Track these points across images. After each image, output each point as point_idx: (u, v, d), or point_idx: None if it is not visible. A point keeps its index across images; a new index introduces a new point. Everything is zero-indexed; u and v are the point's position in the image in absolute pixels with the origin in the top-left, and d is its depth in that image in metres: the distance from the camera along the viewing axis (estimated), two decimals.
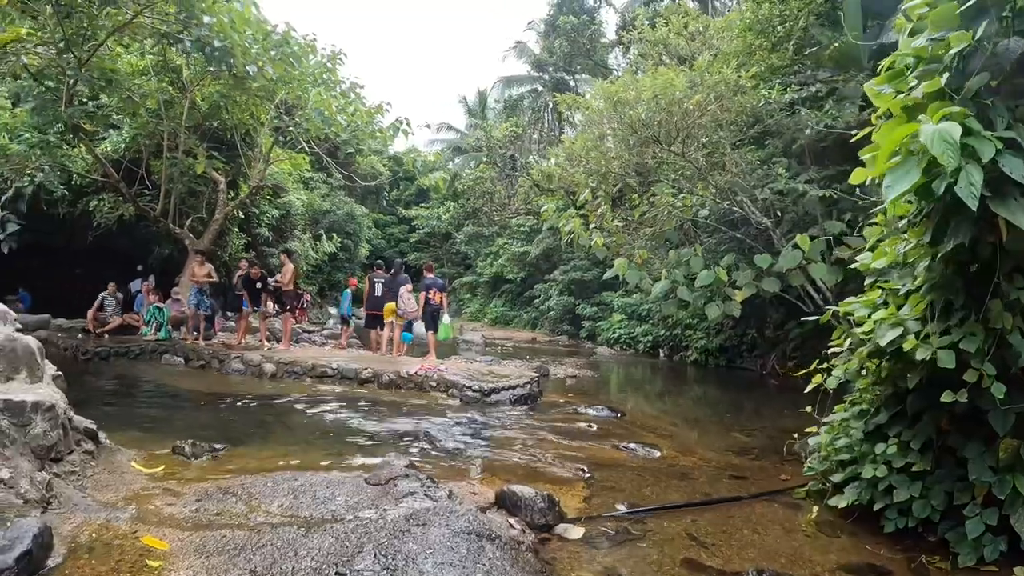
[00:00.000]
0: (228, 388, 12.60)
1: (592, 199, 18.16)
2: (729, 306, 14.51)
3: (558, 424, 10.42)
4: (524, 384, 12.39)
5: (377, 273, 16.41)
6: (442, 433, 9.30)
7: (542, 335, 34.55)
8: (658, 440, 9.66)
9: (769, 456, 9.15)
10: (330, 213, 39.86)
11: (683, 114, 14.90)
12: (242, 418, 10.02)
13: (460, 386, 12.18)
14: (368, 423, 9.74)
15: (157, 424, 9.19)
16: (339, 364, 13.65)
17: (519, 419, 10.70)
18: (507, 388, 12.07)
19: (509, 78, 44.75)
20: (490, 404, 11.70)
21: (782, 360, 19.76)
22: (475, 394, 11.89)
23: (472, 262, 48.02)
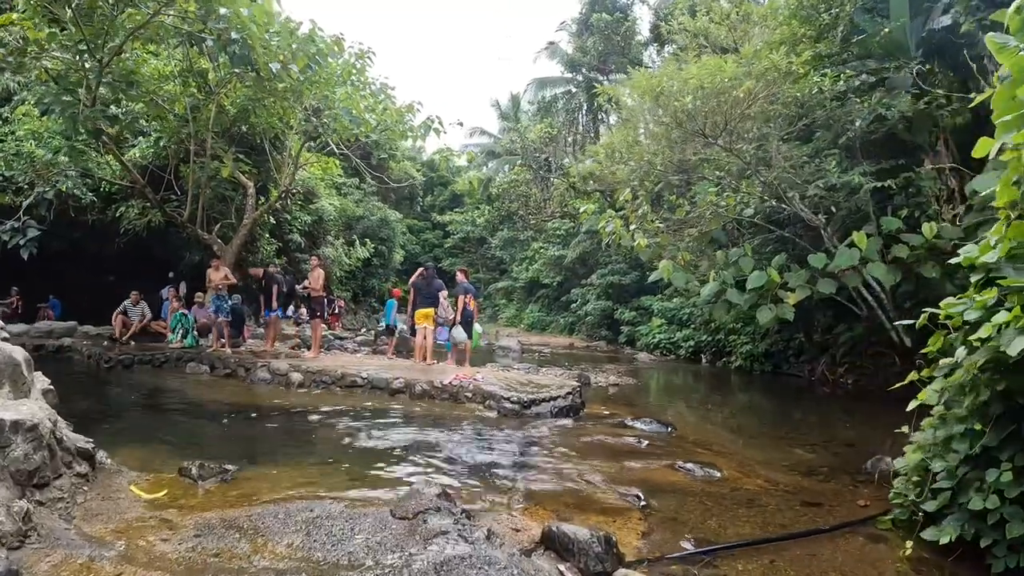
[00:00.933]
0: (251, 399, 11.82)
1: (632, 199, 17.22)
2: (782, 309, 13.52)
3: (605, 439, 9.50)
4: (566, 395, 11.46)
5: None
6: (478, 451, 8.44)
7: (579, 340, 33.66)
8: (715, 458, 8.70)
9: (839, 476, 8.19)
10: (363, 219, 39.21)
11: (732, 103, 13.86)
12: (261, 433, 9.25)
13: (497, 397, 11.28)
14: (397, 439, 8.87)
15: (169, 439, 8.39)
16: (369, 373, 12.82)
17: (562, 434, 9.79)
18: (548, 399, 11.16)
19: (542, 79, 43.77)
20: (530, 417, 10.80)
21: (832, 366, 18.73)
22: (514, 406, 10.98)
23: (507, 267, 47.25)
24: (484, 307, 49.50)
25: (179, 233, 19.25)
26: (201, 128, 16.65)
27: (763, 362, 20.93)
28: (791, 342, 20.30)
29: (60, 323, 18.90)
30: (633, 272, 32.39)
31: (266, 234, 25.16)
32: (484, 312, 48.57)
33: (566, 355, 26.69)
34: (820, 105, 15.00)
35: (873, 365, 17.48)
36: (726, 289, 13.63)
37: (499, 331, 40.07)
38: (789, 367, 20.26)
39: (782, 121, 15.27)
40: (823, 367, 18.84)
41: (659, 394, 16.24)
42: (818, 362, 19.21)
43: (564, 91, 42.25)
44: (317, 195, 31.88)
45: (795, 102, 14.86)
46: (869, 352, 17.70)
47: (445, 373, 13.04)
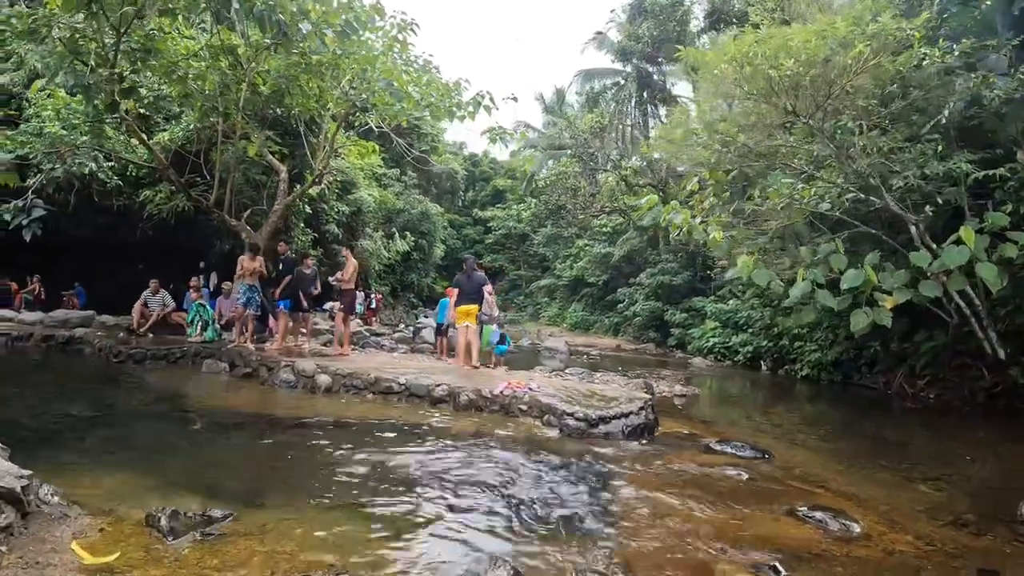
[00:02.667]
0: (269, 406, 10.02)
1: (699, 190, 15.25)
2: (879, 314, 11.47)
3: (697, 470, 7.54)
4: (638, 410, 9.50)
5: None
6: (547, 489, 6.48)
7: (626, 342, 31.82)
8: (838, 501, 6.77)
9: (994, 527, 6.36)
10: (404, 212, 37.80)
11: (840, 72, 11.73)
12: (273, 456, 7.36)
13: (558, 412, 9.35)
14: (442, 467, 6.96)
15: (156, 460, 6.60)
16: (407, 378, 10.96)
17: (642, 460, 7.85)
18: (618, 416, 9.19)
19: (589, 71, 41.64)
20: (598, 436, 8.86)
21: (910, 377, 16.61)
22: (579, 423, 9.03)
23: (550, 264, 45.66)
24: (525, 305, 47.85)
25: (209, 220, 17.68)
26: (230, 107, 14.95)
27: (832, 371, 18.82)
28: (863, 351, 18.17)
29: (77, 312, 17.43)
30: (685, 272, 30.54)
31: (301, 223, 23.55)
32: (525, 310, 46.93)
33: (614, 358, 24.87)
34: (923, 83, 12.85)
35: (958, 378, 15.52)
36: (818, 290, 11.63)
37: (541, 330, 38.48)
38: (861, 378, 18.15)
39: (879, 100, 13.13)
40: (901, 379, 16.75)
41: (730, 407, 14.19)
42: (894, 373, 17.11)
43: (613, 82, 40.17)
44: (356, 185, 30.49)
45: (896, 77, 12.73)
46: (953, 364, 15.67)
47: (493, 380, 11.19)
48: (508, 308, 48.39)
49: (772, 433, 10.61)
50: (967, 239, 11.02)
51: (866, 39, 11.25)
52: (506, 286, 52.22)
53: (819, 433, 10.93)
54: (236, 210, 16.75)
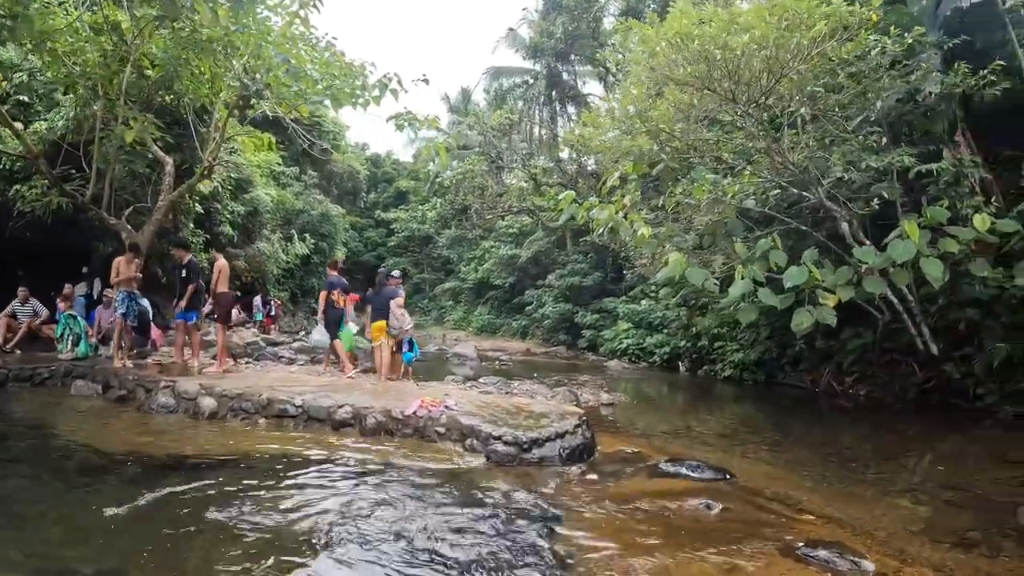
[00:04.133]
0: (138, 440, 8.19)
1: (621, 185, 14.17)
2: (823, 313, 10.57)
3: (654, 504, 6.33)
4: (574, 428, 8.26)
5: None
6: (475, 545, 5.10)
7: (535, 345, 30.77)
8: (832, 529, 5.79)
9: (1001, 542, 5.78)
10: (304, 213, 35.96)
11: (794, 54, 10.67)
12: (141, 519, 5.52)
13: (483, 435, 8.00)
14: (343, 531, 5.40)
15: None
16: (305, 399, 9.41)
17: (589, 495, 6.57)
18: (553, 437, 7.91)
19: (499, 69, 40.38)
20: (532, 463, 7.58)
21: (838, 375, 16.01)
22: (509, 448, 7.69)
23: (455, 267, 44.27)
24: (430, 309, 46.45)
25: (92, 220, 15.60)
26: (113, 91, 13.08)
27: (755, 371, 18.08)
28: (787, 349, 17.49)
29: None
30: (595, 272, 29.69)
31: (190, 224, 21.58)
32: (430, 314, 45.54)
33: (526, 363, 23.70)
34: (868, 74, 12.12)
35: (887, 374, 15.02)
36: (756, 289, 10.67)
37: (446, 334, 37.19)
38: (785, 376, 17.46)
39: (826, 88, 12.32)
40: (828, 377, 16.11)
41: (663, 415, 13.06)
42: (821, 371, 16.47)
43: (522, 80, 39.02)
44: (252, 184, 28.56)
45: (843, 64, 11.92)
46: (881, 360, 15.14)
47: (404, 397, 9.79)
48: (413, 313, 46.84)
49: (719, 445, 9.54)
50: (911, 234, 10.26)
51: (822, 19, 10.28)
52: (410, 290, 50.48)
53: (767, 442, 9.91)
54: (117, 207, 14.84)
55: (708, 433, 10.52)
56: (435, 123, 12.56)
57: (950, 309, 12.87)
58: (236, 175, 26.91)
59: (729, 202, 12.84)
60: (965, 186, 12.32)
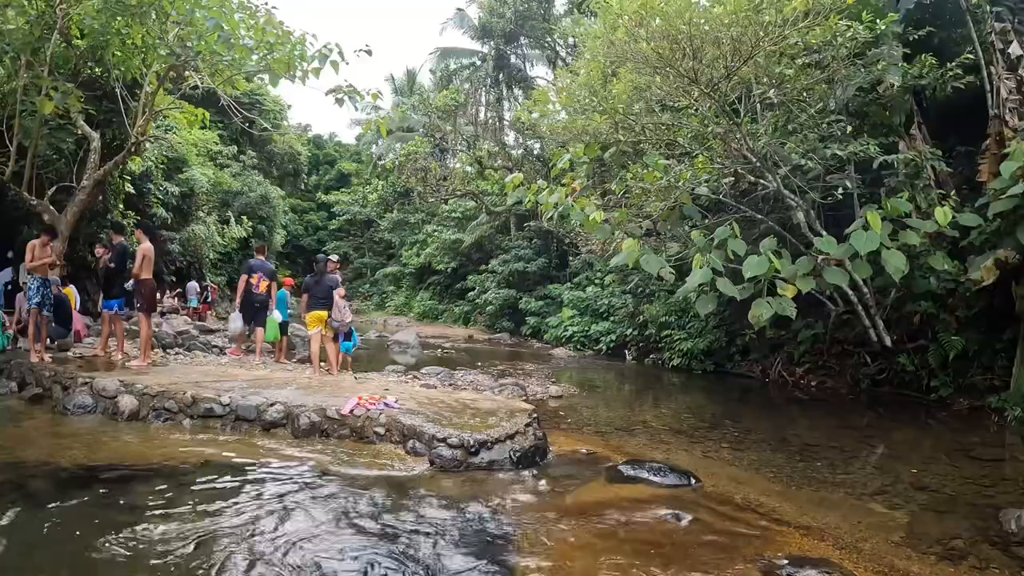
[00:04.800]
0: (57, 446, 7.25)
1: (569, 168, 13.54)
2: (782, 305, 10.09)
3: (616, 515, 5.71)
4: (524, 428, 7.60)
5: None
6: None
7: (478, 332, 30.18)
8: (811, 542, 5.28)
9: (987, 550, 5.34)
10: (242, 194, 34.62)
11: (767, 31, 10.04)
12: (49, 541, 4.71)
13: (427, 436, 7.31)
14: (274, 555, 4.69)
15: None
16: (233, 396, 8.62)
17: (547, 506, 5.93)
18: (502, 439, 7.24)
19: (446, 50, 39.18)
20: (481, 468, 6.91)
21: (789, 365, 15.80)
22: (455, 452, 7.00)
23: (397, 251, 43.24)
24: (371, 294, 45.46)
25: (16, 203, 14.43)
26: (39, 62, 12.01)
27: (704, 360, 17.72)
28: (736, 339, 17.19)
29: None
30: (539, 258, 29.15)
31: (120, 205, 20.39)
32: (371, 299, 44.57)
33: (469, 350, 23.06)
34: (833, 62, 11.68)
35: (839, 365, 14.91)
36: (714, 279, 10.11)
37: (387, 320, 36.36)
38: (735, 366, 17.20)
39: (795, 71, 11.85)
40: (779, 367, 15.81)
41: (615, 408, 12.35)
42: (771, 361, 16.19)
43: (469, 63, 37.99)
44: (187, 163, 27.36)
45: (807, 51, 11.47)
46: (833, 351, 14.94)
47: (341, 393, 9.09)
48: (354, 298, 45.99)
49: (678, 443, 8.95)
50: (874, 225, 9.83)
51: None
52: (351, 275, 49.64)
53: (727, 438, 9.33)
54: (40, 186, 13.84)
55: (664, 429, 9.93)
56: (376, 97, 11.76)
57: (904, 301, 12.70)
58: (171, 154, 25.80)
59: (682, 189, 12.30)
60: (924, 179, 12.07)
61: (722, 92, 11.34)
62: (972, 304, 11.76)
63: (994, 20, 12.13)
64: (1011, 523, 5.67)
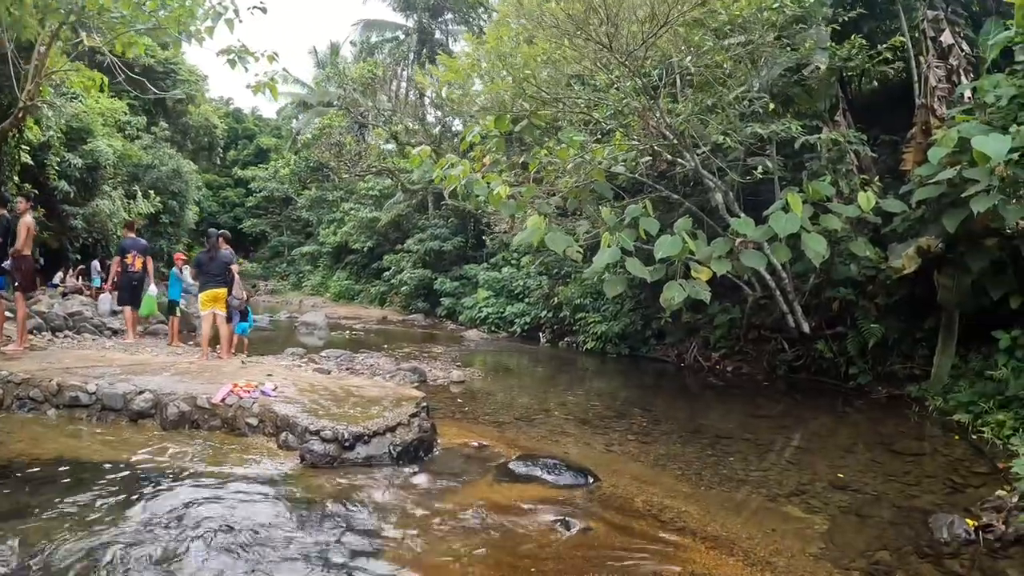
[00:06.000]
0: None
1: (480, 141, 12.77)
2: (696, 288, 9.50)
3: (498, 520, 5.00)
4: (409, 419, 6.83)
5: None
6: None
7: (393, 312, 29.18)
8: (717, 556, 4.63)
9: (917, 563, 4.75)
10: (153, 168, 32.70)
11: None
12: None
13: (299, 428, 6.49)
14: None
15: None
16: (100, 384, 7.66)
17: (419, 508, 5.19)
18: (382, 431, 6.46)
19: (370, 22, 37.81)
20: (356, 464, 6.13)
21: (704, 350, 15.42)
22: (327, 446, 6.20)
23: (314, 230, 41.72)
24: (288, 273, 43.96)
25: None
26: None
27: (618, 344, 17.19)
28: (651, 322, 16.69)
29: None
30: (455, 238, 28.27)
31: (15, 177, 18.85)
32: (288, 279, 43.10)
33: (382, 331, 22.15)
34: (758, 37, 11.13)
35: (756, 351, 14.50)
36: (624, 259, 9.46)
37: (303, 301, 35.16)
38: (649, 350, 16.72)
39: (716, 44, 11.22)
40: (694, 352, 15.38)
41: (519, 394, 11.61)
42: (686, 346, 15.75)
43: (393, 36, 36.63)
44: (92, 133, 25.50)
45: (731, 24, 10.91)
46: (750, 336, 14.51)
47: (220, 378, 8.19)
48: (270, 277, 44.45)
49: (581, 434, 8.27)
50: (794, 207, 9.31)
51: None
52: (268, 253, 47.97)
53: (634, 429, 8.69)
54: None
55: (568, 418, 9.27)
56: (272, 58, 10.80)
57: (824, 288, 12.27)
58: (75, 123, 24.11)
59: (596, 166, 11.65)
60: (848, 163, 11.66)
61: (639, 62, 10.68)
62: (892, 292, 11.37)
63: (927, 8, 11.81)
64: (942, 531, 5.11)
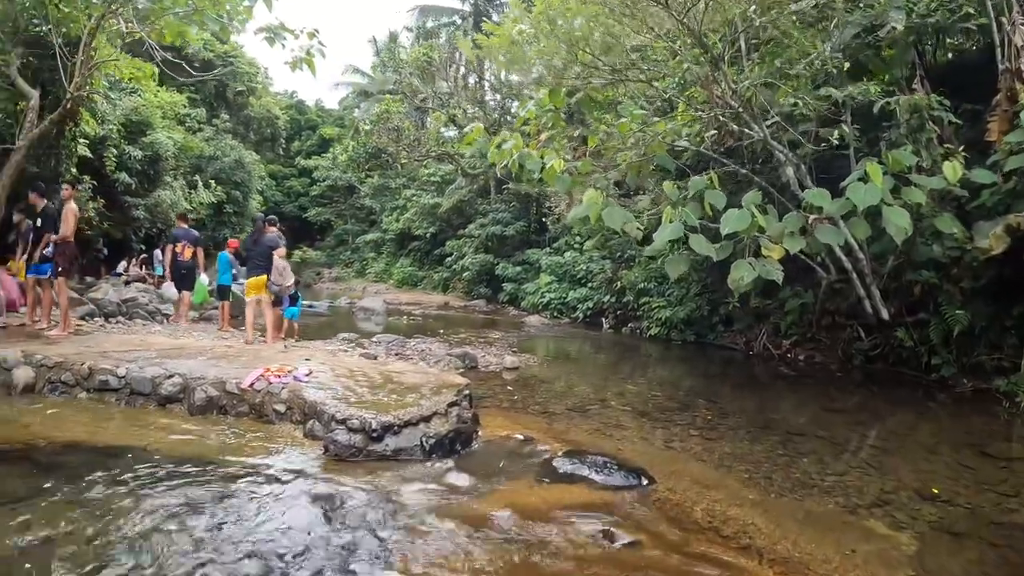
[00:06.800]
0: None
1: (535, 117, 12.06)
2: (767, 267, 8.63)
3: (533, 528, 4.29)
4: (447, 408, 6.20)
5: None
6: None
7: (455, 298, 28.73)
8: None
9: None
10: (215, 159, 32.89)
11: None
12: None
13: (326, 416, 5.92)
14: None
15: None
16: (130, 368, 7.29)
17: (444, 512, 4.51)
18: (415, 421, 5.84)
19: (426, 7, 37.38)
20: (384, 457, 5.53)
21: (774, 337, 14.41)
22: (353, 435, 5.62)
23: (377, 217, 41.52)
24: (352, 261, 43.86)
25: None
26: None
27: (684, 330, 16.33)
28: (718, 308, 15.75)
29: None
30: (518, 222, 27.63)
31: (72, 169, 18.78)
32: (352, 267, 43.02)
33: (441, 317, 21.65)
34: None
35: (830, 339, 13.38)
36: (688, 235, 8.62)
37: (366, 287, 34.89)
38: (716, 337, 15.80)
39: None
40: (764, 339, 14.43)
41: (575, 382, 10.74)
42: (756, 333, 14.80)
43: (449, 20, 36.13)
44: (151, 126, 25.70)
45: None
46: (824, 323, 13.45)
47: (256, 363, 7.70)
48: (335, 265, 44.42)
49: (638, 428, 7.49)
50: (874, 177, 8.28)
51: None
52: (332, 242, 47.94)
53: (698, 423, 7.87)
54: None
55: (626, 409, 8.51)
56: (312, 35, 10.57)
57: (904, 270, 11.11)
58: (133, 117, 24.33)
59: (657, 137, 10.83)
60: (929, 131, 10.47)
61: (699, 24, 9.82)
62: (979, 275, 10.16)
63: None
64: None
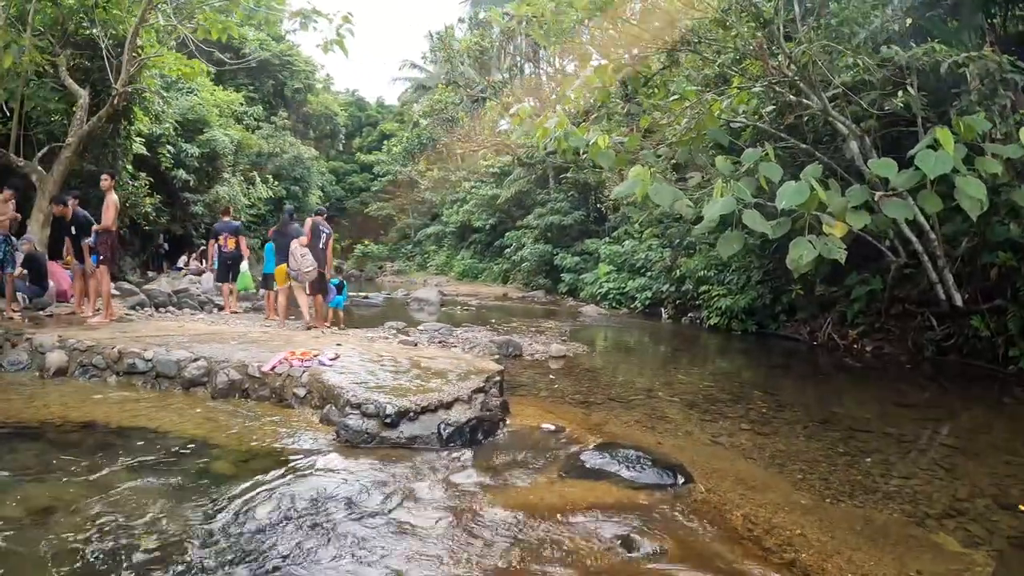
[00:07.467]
0: None
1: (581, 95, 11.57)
2: (828, 245, 7.91)
3: (547, 532, 3.76)
4: (471, 395, 5.74)
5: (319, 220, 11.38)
6: None
7: (514, 290, 28.36)
8: None
9: None
10: (274, 156, 33.23)
11: None
12: None
13: (342, 400, 5.53)
14: None
15: None
16: (156, 351, 7.18)
17: (450, 511, 4.02)
18: (433, 408, 5.39)
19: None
20: (398, 445, 5.10)
21: (840, 327, 13.49)
22: (366, 421, 5.22)
23: (438, 210, 41.44)
24: (414, 254, 43.86)
25: None
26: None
27: (745, 320, 15.50)
28: (781, 296, 14.93)
29: None
30: (576, 211, 27.07)
31: (128, 165, 18.97)
32: (413, 260, 43.01)
33: (497, 308, 21.23)
34: None
35: (899, 328, 12.40)
36: (741, 210, 7.98)
37: (427, 280, 34.78)
38: (779, 327, 14.95)
39: None
40: (829, 328, 13.59)
41: (621, 371, 10.31)
42: (820, 322, 13.95)
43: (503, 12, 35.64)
44: (208, 124, 26.11)
45: None
46: (893, 311, 12.54)
47: (286, 347, 7.40)
48: (397, 259, 44.45)
49: (683, 421, 6.87)
50: (945, 144, 7.42)
51: None
52: (395, 236, 48.03)
53: (750, 416, 7.21)
54: (28, 147, 13.43)
55: (673, 400, 7.91)
56: (347, 19, 10.59)
57: (979, 252, 10.25)
58: (190, 115, 24.75)
59: (712, 114, 10.18)
60: (1003, 97, 9.55)
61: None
62: None
63: None
64: None
